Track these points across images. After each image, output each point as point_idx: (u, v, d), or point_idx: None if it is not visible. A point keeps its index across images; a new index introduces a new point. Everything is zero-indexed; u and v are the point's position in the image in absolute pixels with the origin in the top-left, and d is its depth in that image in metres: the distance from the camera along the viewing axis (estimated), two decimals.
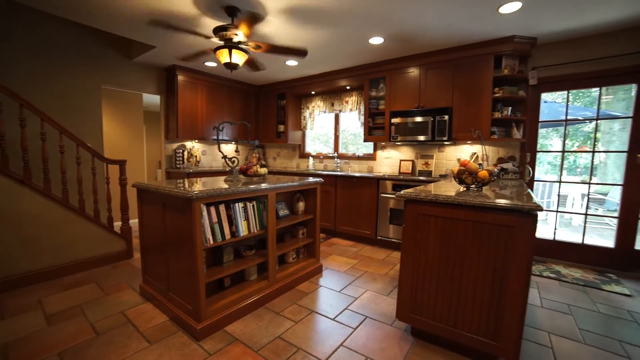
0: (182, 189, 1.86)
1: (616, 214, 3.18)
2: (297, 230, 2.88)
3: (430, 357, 1.75)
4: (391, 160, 4.40)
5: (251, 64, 3.20)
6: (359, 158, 4.76)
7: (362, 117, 4.42)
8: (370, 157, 4.61)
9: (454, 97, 3.47)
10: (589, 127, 3.27)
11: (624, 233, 3.10)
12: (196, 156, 4.83)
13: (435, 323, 1.79)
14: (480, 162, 3.59)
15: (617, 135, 3.59)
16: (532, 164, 3.46)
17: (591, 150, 3.43)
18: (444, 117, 3.44)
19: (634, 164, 3.01)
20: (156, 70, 4.40)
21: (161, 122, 4.56)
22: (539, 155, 3.52)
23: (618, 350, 1.87)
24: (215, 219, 1.94)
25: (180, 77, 4.32)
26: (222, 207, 1.99)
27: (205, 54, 3.00)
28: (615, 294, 2.62)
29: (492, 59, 3.23)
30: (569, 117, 3.40)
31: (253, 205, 2.21)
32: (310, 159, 5.16)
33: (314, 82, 4.74)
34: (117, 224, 3.64)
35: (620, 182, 3.12)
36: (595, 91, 3.28)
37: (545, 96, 3.45)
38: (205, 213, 1.86)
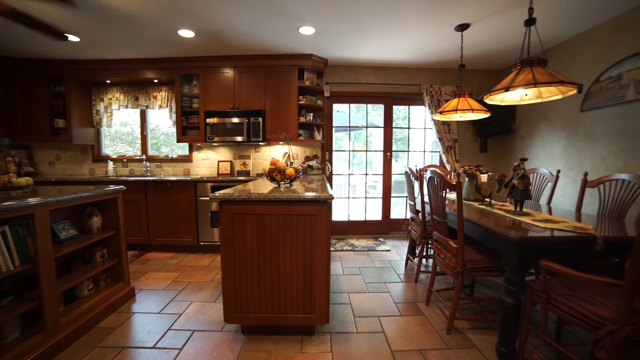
0: None
1: (381, 196, 4.46)
2: (94, 253, 2.27)
3: (261, 347, 1.83)
4: (209, 161, 4.25)
5: None
6: (173, 160, 4.30)
7: (175, 116, 4.01)
8: (186, 159, 4.28)
9: (267, 101, 3.76)
10: (365, 132, 4.43)
11: (385, 208, 4.43)
12: None
13: (262, 315, 1.89)
14: (291, 160, 4.08)
15: (379, 139, 5.03)
16: (331, 161, 4.28)
17: (365, 150, 4.63)
18: (258, 119, 3.66)
19: (386, 159, 4.35)
20: None
21: None
22: (336, 154, 4.42)
23: (383, 289, 2.69)
24: None
25: None
26: None
27: None
28: (383, 252, 3.70)
29: (296, 70, 3.72)
30: (352, 125, 4.47)
31: (4, 232, 1.55)
32: (110, 162, 4.17)
33: (109, 68, 3.85)
34: None
35: (381, 173, 4.39)
36: (365, 106, 4.45)
37: (336, 106, 4.36)
38: None
